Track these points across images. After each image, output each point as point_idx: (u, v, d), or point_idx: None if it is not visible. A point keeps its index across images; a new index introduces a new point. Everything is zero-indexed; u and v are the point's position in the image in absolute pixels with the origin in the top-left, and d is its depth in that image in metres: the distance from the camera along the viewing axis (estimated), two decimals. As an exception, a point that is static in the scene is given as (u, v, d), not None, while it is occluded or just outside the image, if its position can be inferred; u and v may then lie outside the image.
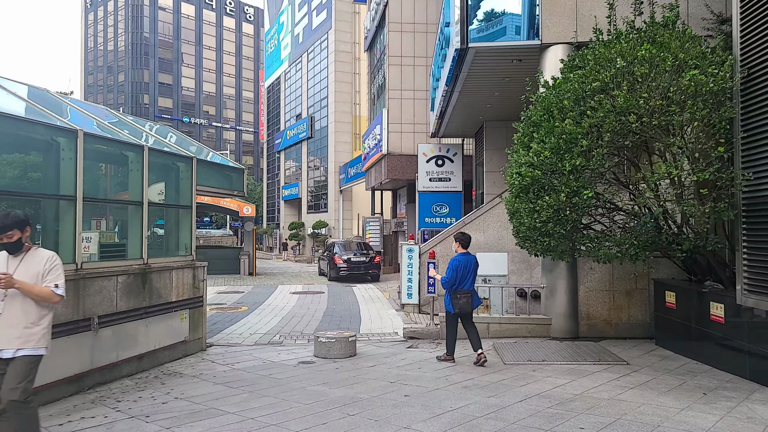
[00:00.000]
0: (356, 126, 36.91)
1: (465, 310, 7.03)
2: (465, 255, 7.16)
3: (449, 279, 7.03)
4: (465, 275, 7.02)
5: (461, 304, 6.97)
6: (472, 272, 7.12)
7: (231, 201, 21.80)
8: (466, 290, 7.01)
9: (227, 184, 9.15)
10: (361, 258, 20.14)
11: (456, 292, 7.01)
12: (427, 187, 17.54)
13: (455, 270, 6.99)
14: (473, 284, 7.18)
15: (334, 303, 14.23)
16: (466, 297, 6.98)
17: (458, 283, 7.00)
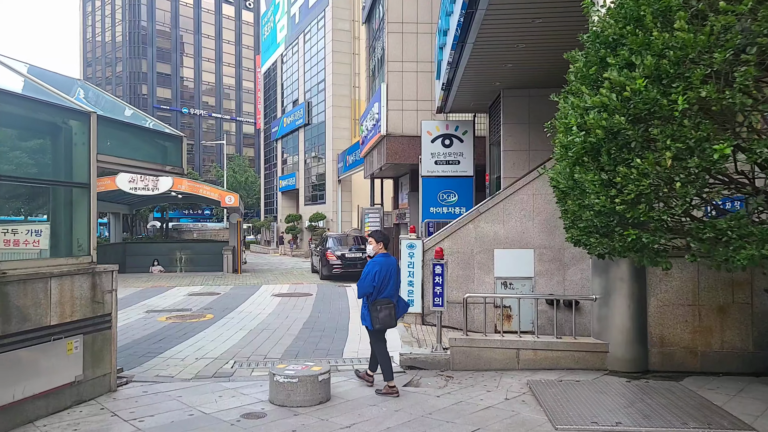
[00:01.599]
0: (355, 111, 34.37)
1: (388, 325, 5.88)
2: (385, 256, 6.02)
3: (366, 286, 5.83)
4: (386, 281, 5.87)
5: (382, 317, 5.78)
6: (394, 277, 6.01)
7: (211, 189, 19.37)
8: (387, 299, 5.84)
9: (158, 156, 6.67)
10: (357, 254, 17.68)
11: (376, 302, 5.81)
12: (432, 172, 15.03)
13: (374, 275, 5.81)
14: (397, 291, 6.13)
15: (319, 309, 11.78)
16: (389, 308, 5.83)
17: (378, 291, 5.81)
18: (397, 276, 6.12)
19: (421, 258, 10.00)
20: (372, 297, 5.78)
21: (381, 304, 5.74)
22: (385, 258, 5.94)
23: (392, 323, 5.85)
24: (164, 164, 6.66)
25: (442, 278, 7.00)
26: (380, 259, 5.89)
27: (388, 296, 5.81)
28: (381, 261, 5.86)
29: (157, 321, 10.26)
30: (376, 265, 5.82)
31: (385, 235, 6.21)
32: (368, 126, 20.94)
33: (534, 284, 9.87)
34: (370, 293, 5.77)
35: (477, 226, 10.07)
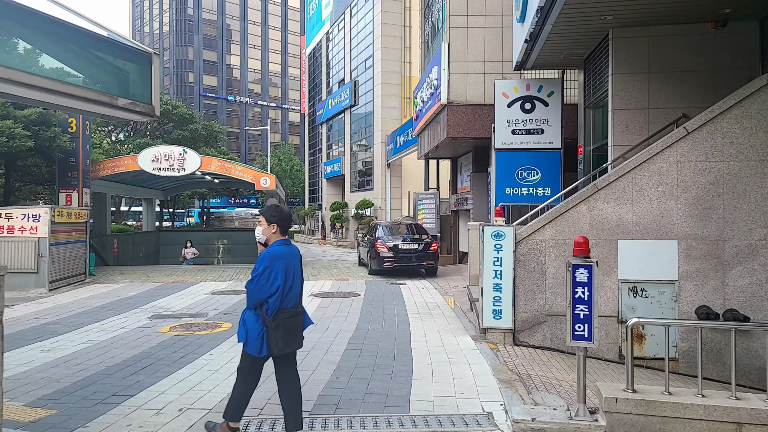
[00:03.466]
0: (406, 89, 31.45)
1: (291, 347, 3.89)
2: (285, 244, 3.97)
3: (260, 290, 3.78)
4: (290, 280, 3.87)
5: (283, 337, 3.77)
6: (299, 274, 4.02)
7: (245, 170, 16.97)
8: (293, 310, 3.90)
9: (111, 82, 4.04)
10: (412, 245, 14.89)
11: (277, 314, 3.78)
12: (508, 144, 12.02)
13: (271, 273, 3.77)
14: (301, 296, 4.06)
15: (370, 317, 9.07)
16: (294, 323, 3.89)
17: (284, 296, 3.82)
18: (301, 272, 4.10)
19: (512, 252, 7.13)
20: (270, 306, 3.77)
21: (283, 316, 3.80)
22: (285, 247, 3.93)
23: (297, 344, 3.96)
24: (119, 96, 4.01)
25: (589, 290, 4.09)
26: (278, 250, 3.87)
27: (293, 303, 3.90)
28: (280, 252, 3.85)
29: (156, 333, 7.79)
30: (273, 259, 3.80)
31: (282, 211, 4.05)
32: (424, 97, 18.04)
33: (678, 291, 6.87)
34: (263, 300, 3.78)
35: (593, 207, 7.10)
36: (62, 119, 13.99)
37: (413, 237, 15.25)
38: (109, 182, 18.40)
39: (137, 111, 4.07)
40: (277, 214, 3.98)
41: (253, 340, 3.81)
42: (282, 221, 3.96)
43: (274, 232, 3.94)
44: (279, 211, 4.02)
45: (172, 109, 26.70)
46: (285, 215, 4.01)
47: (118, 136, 28.39)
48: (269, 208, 4.05)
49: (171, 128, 27.29)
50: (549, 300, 7.08)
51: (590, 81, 11.06)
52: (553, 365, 6.27)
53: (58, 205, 13.59)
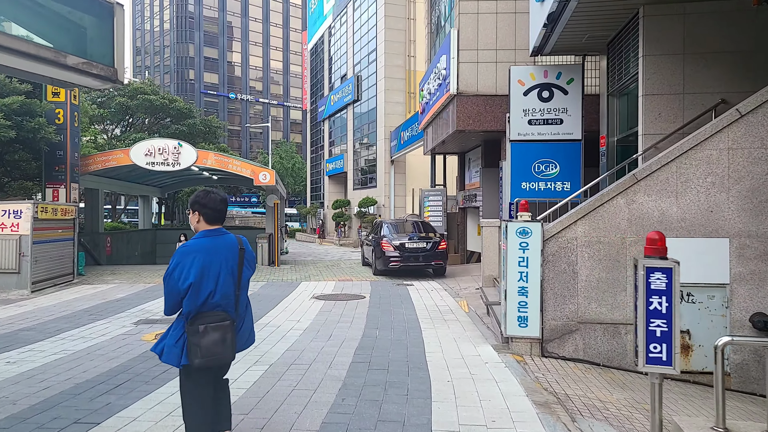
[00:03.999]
0: (410, 83, 30.63)
1: (220, 360, 3.09)
2: (211, 237, 3.18)
3: (170, 291, 3.05)
4: (211, 278, 3.08)
5: (207, 345, 2.99)
6: (228, 273, 3.16)
7: (243, 164, 16.13)
8: (218, 314, 3.09)
9: (64, 38, 3.20)
10: (419, 243, 14.06)
11: (196, 317, 3.03)
12: (524, 135, 11.18)
13: (182, 270, 3.04)
14: (240, 302, 3.24)
15: (377, 322, 8.25)
16: (221, 329, 3.06)
17: (195, 298, 3.03)
18: (239, 270, 3.26)
19: (539, 251, 6.30)
20: (184, 310, 3.10)
21: (205, 320, 3.08)
22: (209, 240, 3.20)
23: (226, 355, 3.14)
24: (70, 54, 3.18)
25: (668, 300, 3.21)
26: (197, 243, 3.19)
27: (220, 307, 3.15)
28: (197, 245, 3.17)
29: (139, 341, 6.97)
30: (186, 253, 3.13)
31: (206, 196, 3.26)
32: (431, 88, 17.20)
33: (729, 296, 6.04)
34: (178, 302, 3.10)
35: (632, 201, 6.27)
36: (48, 109, 13.17)
37: (421, 235, 14.42)
38: (101, 178, 17.60)
39: (94, 74, 3.26)
40: (198, 199, 3.25)
41: (170, 347, 3.11)
42: (204, 208, 3.21)
43: (198, 222, 3.24)
44: (201, 195, 3.28)
45: (170, 103, 25.89)
46: (209, 200, 3.23)
47: (114, 132, 27.60)
48: (198, 195, 3.30)
49: (168, 123, 26.49)
50: (581, 305, 6.25)
51: (614, 66, 10.22)
52: (590, 382, 5.44)
53: (44, 201, 12.77)
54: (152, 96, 24.96)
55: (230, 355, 3.14)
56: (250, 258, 3.33)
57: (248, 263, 3.31)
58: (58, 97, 13.57)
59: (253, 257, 3.39)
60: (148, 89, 25.71)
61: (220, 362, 3.11)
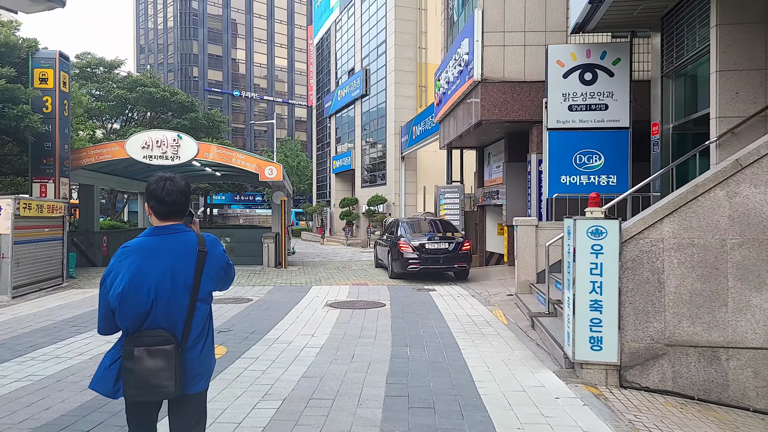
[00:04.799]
0: (421, 76, 29.41)
1: (158, 394, 2.37)
2: (157, 234, 2.47)
3: (100, 301, 2.43)
4: (152, 289, 2.36)
5: (143, 374, 2.32)
6: (183, 282, 2.41)
7: (247, 158, 14.93)
8: (159, 333, 2.37)
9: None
10: (441, 244, 12.84)
11: (134, 338, 2.36)
12: (563, 122, 9.96)
13: (117, 275, 2.37)
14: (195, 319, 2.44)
15: (405, 336, 7.03)
16: (162, 356, 2.33)
17: (133, 313, 2.35)
18: (195, 280, 2.43)
19: (616, 255, 5.06)
20: (124, 326, 2.38)
21: (143, 341, 2.33)
22: (153, 240, 2.43)
23: (165, 389, 2.33)
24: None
25: None
26: (137, 244, 2.42)
27: (162, 326, 2.37)
28: (137, 246, 2.41)
29: (123, 363, 5.76)
30: (122, 255, 2.39)
31: (163, 189, 2.48)
32: (449, 77, 15.97)
33: None
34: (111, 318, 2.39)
35: (734, 193, 5.02)
36: (35, 96, 12.00)
37: (442, 235, 13.19)
38: (96, 173, 16.44)
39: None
40: (147, 187, 2.54)
41: (102, 370, 2.43)
42: (151, 198, 2.48)
43: (149, 215, 2.55)
44: (150, 182, 2.53)
45: (171, 96, 24.72)
46: (157, 189, 2.47)
47: (113, 127, 26.46)
48: (157, 184, 2.51)
49: (170, 117, 25.35)
50: (670, 324, 5.02)
51: (671, 42, 8.95)
52: (696, 425, 4.21)
53: (30, 197, 11.61)
54: (152, 88, 23.81)
55: (171, 389, 2.35)
56: (214, 264, 2.50)
57: (210, 271, 2.48)
58: (45, 84, 12.41)
59: (221, 264, 2.55)
60: (148, 81, 24.56)
61: (158, 397, 2.38)
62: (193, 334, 2.43)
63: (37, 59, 12.39)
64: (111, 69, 24.46)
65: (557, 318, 7.33)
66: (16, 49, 11.58)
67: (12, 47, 11.40)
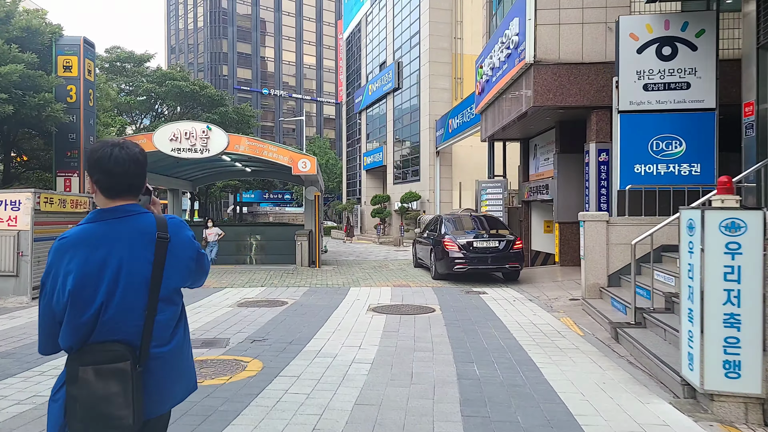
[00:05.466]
0: (457, 68, 28.24)
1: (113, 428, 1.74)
2: (108, 218, 1.87)
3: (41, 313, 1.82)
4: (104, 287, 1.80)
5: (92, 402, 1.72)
6: (142, 277, 1.84)
7: (279, 150, 14.08)
8: (111, 347, 1.78)
9: None
10: (490, 242, 11.75)
11: (78, 355, 1.77)
12: (638, 104, 8.77)
13: (59, 276, 1.79)
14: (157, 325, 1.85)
15: (466, 350, 6.01)
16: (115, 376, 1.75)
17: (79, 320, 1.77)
18: (155, 273, 1.85)
19: (760, 256, 3.93)
20: (67, 343, 1.80)
21: (89, 359, 1.76)
22: (100, 227, 1.86)
23: (121, 420, 1.73)
24: None
25: None
26: (78, 233, 1.84)
27: (115, 336, 1.80)
28: (78, 237, 1.83)
29: (142, 382, 4.89)
30: (61, 251, 1.81)
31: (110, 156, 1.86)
32: (494, 62, 14.82)
33: None
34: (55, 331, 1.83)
35: None
36: (58, 84, 11.34)
37: (491, 233, 12.09)
38: (124, 168, 15.80)
39: None
40: (88, 156, 1.92)
41: (50, 401, 1.85)
42: (95, 169, 1.88)
43: (92, 193, 1.94)
44: (93, 149, 1.91)
45: (200, 90, 24.15)
46: (102, 156, 1.87)
47: (143, 122, 26.08)
48: (101, 150, 1.91)
49: (199, 111, 24.79)
50: (831, 345, 3.87)
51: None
52: None
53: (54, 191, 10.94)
54: (181, 82, 23.26)
55: (128, 420, 1.77)
56: (181, 254, 1.95)
57: (175, 262, 1.93)
58: (70, 72, 11.75)
59: (190, 254, 1.99)
60: (177, 75, 24.04)
61: (112, 431, 1.77)
62: (154, 345, 1.86)
63: (61, 46, 11.73)
64: (140, 63, 24.03)
65: (647, 330, 6.21)
66: (38, 34, 10.93)
67: (34, 32, 10.74)
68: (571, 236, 13.74)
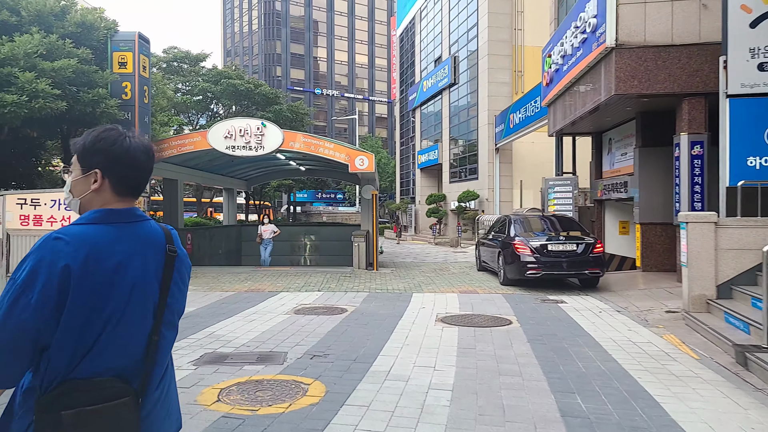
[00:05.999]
0: (517, 60, 26.96)
1: None
2: (119, 221, 1.53)
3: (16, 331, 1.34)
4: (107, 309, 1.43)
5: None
6: (144, 297, 1.51)
7: (336, 147, 13.42)
8: (107, 383, 1.42)
9: None
10: (567, 245, 10.67)
11: (61, 392, 1.38)
12: (752, 86, 7.54)
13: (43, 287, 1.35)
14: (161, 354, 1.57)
15: (562, 378, 5.07)
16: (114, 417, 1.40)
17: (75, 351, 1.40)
18: (162, 292, 1.56)
19: None
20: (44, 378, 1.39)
21: (79, 398, 1.38)
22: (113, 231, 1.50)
23: None
24: None
25: None
26: (84, 233, 1.45)
27: (114, 369, 1.45)
28: (85, 238, 1.43)
29: (194, 406, 4.24)
30: (56, 253, 1.38)
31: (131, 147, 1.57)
32: (566, 49, 13.66)
33: None
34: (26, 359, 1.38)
35: None
36: (113, 80, 11.07)
37: (567, 235, 11.00)
38: (180, 167, 15.63)
39: None
40: (97, 142, 1.55)
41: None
42: (121, 163, 1.56)
43: (97, 188, 1.55)
44: (102, 135, 1.56)
45: (255, 88, 23.98)
46: (129, 148, 1.57)
47: (199, 122, 26.20)
48: (85, 134, 1.57)
49: (254, 110, 24.65)
50: None
51: None
52: None
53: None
54: (236, 80, 23.15)
55: None
56: (185, 271, 1.67)
57: (181, 279, 1.65)
58: (125, 68, 11.47)
59: (188, 271, 1.71)
60: (232, 74, 23.95)
61: None
62: (155, 379, 1.55)
63: (116, 42, 11.48)
64: (197, 62, 24.13)
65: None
66: (93, 30, 10.68)
67: (89, 27, 10.50)
68: (654, 239, 12.45)
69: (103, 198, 1.55)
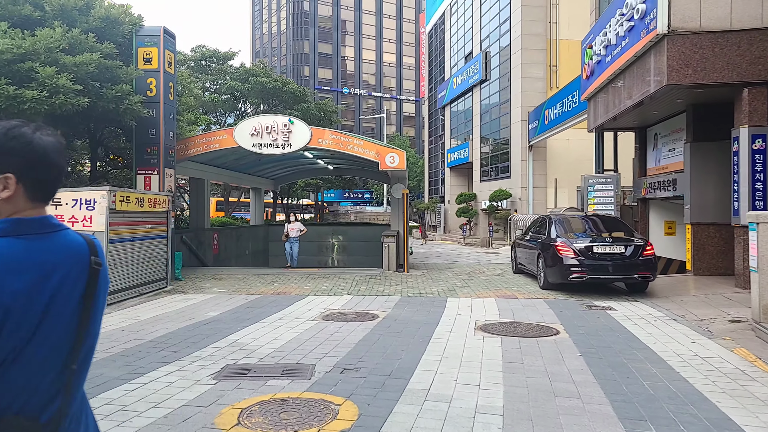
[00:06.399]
0: (552, 55, 26.06)
1: None
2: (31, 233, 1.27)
3: None
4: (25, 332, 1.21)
5: None
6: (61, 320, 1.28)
7: (366, 144, 12.89)
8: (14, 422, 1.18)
9: None
10: (614, 248, 9.92)
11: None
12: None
13: None
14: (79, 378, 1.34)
15: (625, 396, 4.44)
16: None
17: None
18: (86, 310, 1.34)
19: None
20: None
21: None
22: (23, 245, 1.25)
23: None
24: None
25: None
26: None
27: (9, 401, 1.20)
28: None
29: (209, 429, 3.76)
30: None
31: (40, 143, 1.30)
32: (610, 39, 12.86)
33: None
34: None
35: None
36: (137, 76, 10.76)
37: (614, 237, 10.25)
38: (206, 165, 15.35)
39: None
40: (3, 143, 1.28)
41: None
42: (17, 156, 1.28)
43: (7, 198, 1.28)
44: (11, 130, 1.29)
45: (282, 86, 23.68)
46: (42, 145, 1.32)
47: (226, 120, 26.04)
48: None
49: (281, 108, 24.35)
50: None
51: None
52: None
53: (132, 189, 10.35)
54: (264, 78, 22.87)
55: None
56: (106, 287, 1.46)
57: (101, 300, 1.43)
58: (150, 64, 11.17)
59: (107, 287, 1.47)
60: (260, 72, 23.69)
61: None
62: (71, 411, 1.33)
63: (141, 37, 11.18)
64: (225, 61, 23.97)
65: None
66: (117, 24, 10.38)
67: (113, 22, 10.20)
68: (706, 240, 11.60)
69: (14, 206, 1.30)
